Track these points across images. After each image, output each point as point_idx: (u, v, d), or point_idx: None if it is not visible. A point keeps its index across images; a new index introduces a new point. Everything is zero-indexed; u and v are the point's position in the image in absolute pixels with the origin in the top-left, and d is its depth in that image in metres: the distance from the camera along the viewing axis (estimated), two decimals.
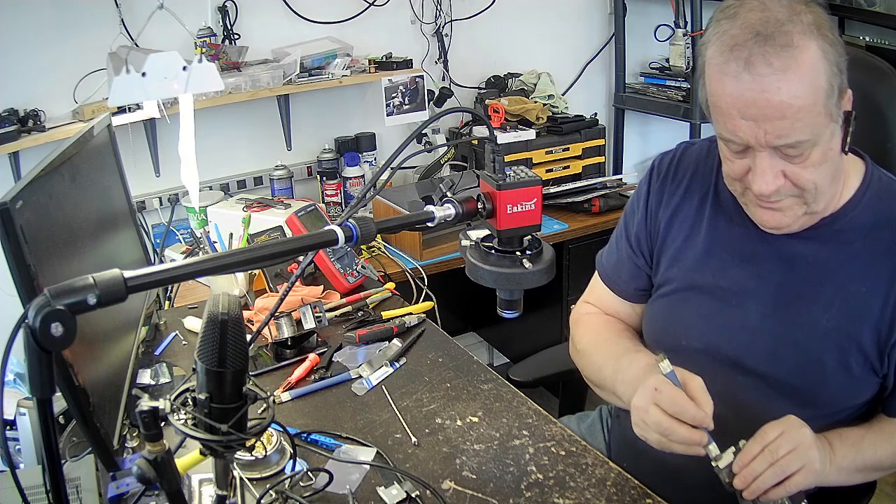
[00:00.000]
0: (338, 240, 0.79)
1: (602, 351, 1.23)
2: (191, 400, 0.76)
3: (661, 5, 2.74)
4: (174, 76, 1.67)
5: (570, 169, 2.61)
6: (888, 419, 1.06)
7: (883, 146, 1.23)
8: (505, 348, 2.94)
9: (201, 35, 2.16)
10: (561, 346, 1.43)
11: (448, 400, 1.30)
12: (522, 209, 0.88)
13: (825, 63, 0.89)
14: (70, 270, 0.95)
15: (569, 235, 2.35)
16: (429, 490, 1.06)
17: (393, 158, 0.94)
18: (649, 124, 3.12)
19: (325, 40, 2.40)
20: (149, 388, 1.32)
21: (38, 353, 0.60)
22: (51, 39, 2.05)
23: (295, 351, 1.46)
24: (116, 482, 0.96)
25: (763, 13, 0.90)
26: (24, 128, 1.95)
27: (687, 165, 1.19)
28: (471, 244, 0.92)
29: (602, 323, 1.30)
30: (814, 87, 0.89)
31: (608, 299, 1.31)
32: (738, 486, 0.95)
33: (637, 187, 1.27)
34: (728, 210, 1.12)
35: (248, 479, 1.07)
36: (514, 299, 0.93)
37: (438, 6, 2.59)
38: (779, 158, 0.94)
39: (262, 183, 2.45)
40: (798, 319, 1.05)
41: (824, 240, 1.05)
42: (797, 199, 0.99)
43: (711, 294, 1.13)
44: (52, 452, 0.67)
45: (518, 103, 2.55)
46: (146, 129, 2.14)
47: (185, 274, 0.70)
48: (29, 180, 0.86)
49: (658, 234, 1.21)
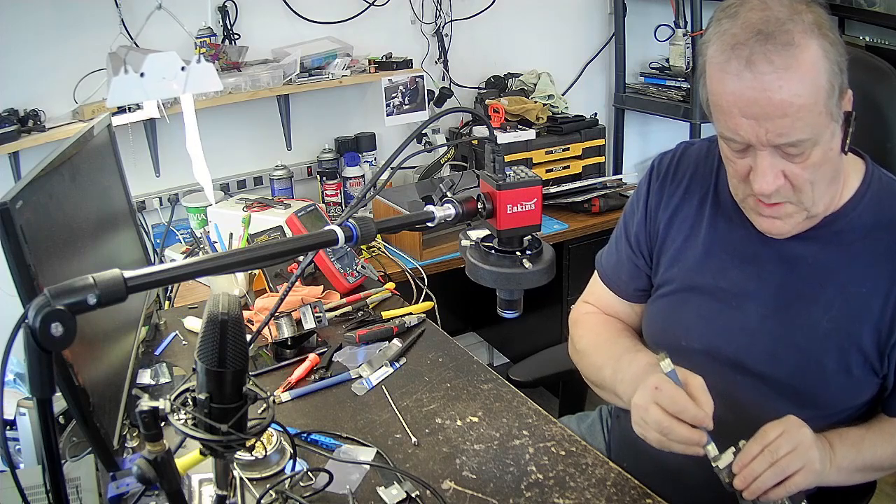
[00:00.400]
0: (338, 240, 0.79)
1: (602, 351, 1.22)
2: (191, 400, 0.76)
3: (661, 5, 2.74)
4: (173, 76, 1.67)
5: (570, 169, 2.61)
6: (888, 419, 1.06)
7: (883, 146, 1.23)
8: (505, 348, 2.94)
9: (201, 35, 2.16)
10: (561, 346, 1.43)
11: (448, 400, 1.30)
12: (522, 209, 0.88)
13: (826, 62, 0.90)
14: (70, 270, 0.95)
15: (569, 235, 2.35)
16: (429, 490, 1.06)
17: (393, 158, 0.93)
18: (649, 124, 3.11)
19: (325, 40, 2.40)
20: (149, 388, 1.32)
21: (38, 353, 0.60)
22: (51, 39, 2.05)
23: (295, 351, 1.46)
24: (116, 482, 0.96)
25: (764, 12, 0.90)
26: (24, 128, 1.95)
27: (687, 165, 1.19)
28: (471, 244, 0.92)
29: (601, 323, 1.30)
30: (815, 86, 0.89)
31: (607, 299, 1.31)
32: (738, 486, 0.95)
33: (637, 187, 1.27)
34: (728, 211, 1.12)
35: (248, 479, 1.07)
36: (514, 299, 0.93)
37: (438, 6, 2.59)
38: (779, 158, 0.94)
39: (262, 183, 2.45)
40: (798, 321, 1.05)
41: (825, 241, 1.04)
42: (796, 206, 0.99)
43: (711, 295, 1.12)
44: (52, 452, 0.67)
45: (518, 103, 2.55)
46: (146, 129, 2.14)
47: (185, 274, 0.70)
48: (29, 180, 0.86)
49: (658, 234, 1.21)
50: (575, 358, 1.31)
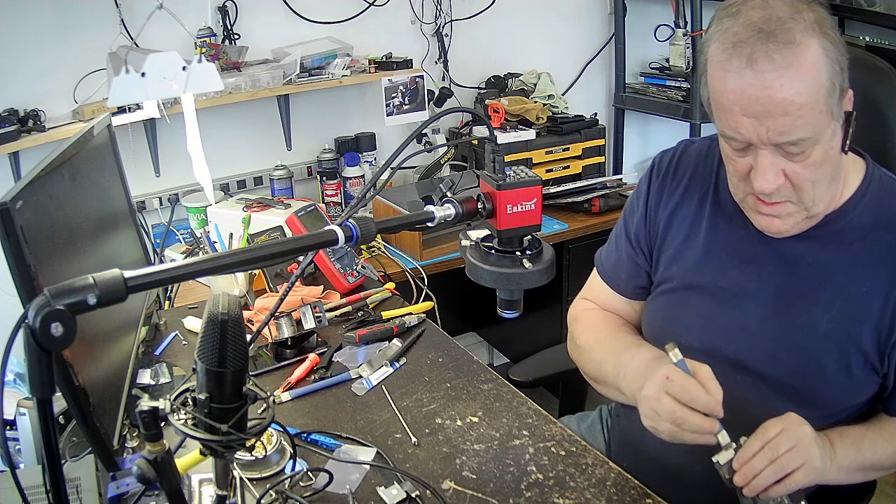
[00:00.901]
0: (338, 240, 0.79)
1: (602, 346, 1.22)
2: (191, 400, 0.76)
3: (661, 5, 2.74)
4: (174, 76, 1.67)
5: (570, 169, 2.61)
6: (888, 419, 1.06)
7: (883, 146, 1.23)
8: (505, 348, 2.94)
9: (201, 35, 2.16)
10: (561, 346, 1.43)
11: (448, 400, 1.30)
12: (522, 209, 0.88)
13: (827, 61, 0.90)
14: (70, 270, 0.95)
15: (569, 235, 2.35)
16: (429, 490, 1.06)
17: (393, 158, 0.94)
18: (649, 124, 3.11)
19: (325, 40, 2.40)
20: (149, 388, 1.32)
21: (38, 353, 0.60)
22: (51, 39, 2.05)
23: (295, 351, 1.46)
24: (116, 482, 0.96)
25: (765, 11, 0.91)
26: (24, 128, 1.95)
27: (687, 164, 1.19)
28: (471, 244, 0.92)
29: (601, 319, 1.30)
30: (816, 85, 0.89)
31: (607, 296, 1.31)
32: (738, 482, 0.95)
33: (637, 185, 1.27)
34: (728, 211, 1.12)
35: (248, 479, 1.07)
36: (514, 299, 0.93)
37: (438, 6, 2.59)
38: (780, 157, 0.94)
39: (262, 183, 2.45)
40: (798, 321, 1.05)
41: (825, 241, 1.05)
42: (796, 205, 0.99)
43: (711, 295, 1.13)
44: (52, 452, 0.67)
45: (518, 103, 2.55)
46: (146, 129, 2.14)
47: (185, 274, 0.70)
48: (29, 180, 0.86)
49: (658, 232, 1.21)
50: (574, 354, 1.30)
